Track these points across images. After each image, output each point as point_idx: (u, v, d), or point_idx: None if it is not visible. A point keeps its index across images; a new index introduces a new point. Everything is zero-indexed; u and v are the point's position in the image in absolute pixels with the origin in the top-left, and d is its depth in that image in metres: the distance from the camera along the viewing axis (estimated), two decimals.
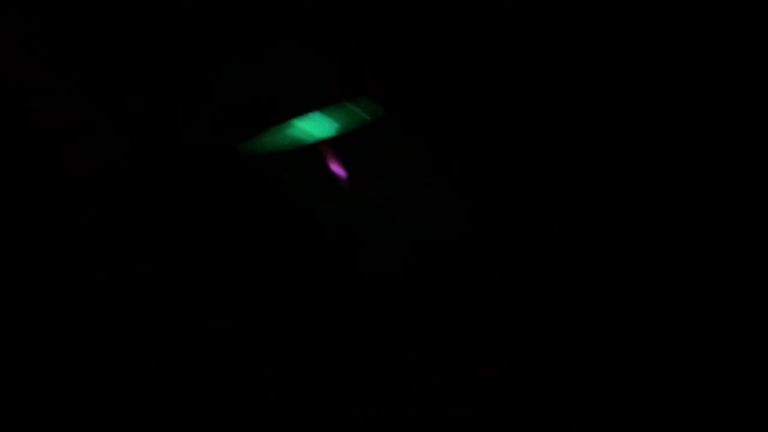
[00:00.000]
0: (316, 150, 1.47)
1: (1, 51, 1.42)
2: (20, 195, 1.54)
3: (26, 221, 1.54)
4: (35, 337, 1.52)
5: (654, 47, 1.58)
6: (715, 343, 1.57)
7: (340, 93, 1.46)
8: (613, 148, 1.61)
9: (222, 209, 1.56)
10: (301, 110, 1.45)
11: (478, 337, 1.61)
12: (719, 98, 1.60)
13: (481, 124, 1.56)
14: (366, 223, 1.51)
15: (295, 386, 1.60)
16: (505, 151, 1.57)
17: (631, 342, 1.61)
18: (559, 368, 1.59)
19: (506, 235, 1.59)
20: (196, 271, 1.57)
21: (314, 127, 1.44)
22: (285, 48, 1.46)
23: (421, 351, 1.60)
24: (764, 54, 1.57)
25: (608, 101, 1.60)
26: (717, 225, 1.59)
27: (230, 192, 1.54)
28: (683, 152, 1.60)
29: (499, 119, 1.56)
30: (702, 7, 1.56)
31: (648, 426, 1.54)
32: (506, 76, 1.55)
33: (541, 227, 1.61)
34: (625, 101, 1.60)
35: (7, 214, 1.54)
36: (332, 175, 1.48)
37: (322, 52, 1.45)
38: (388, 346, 1.60)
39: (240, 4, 1.47)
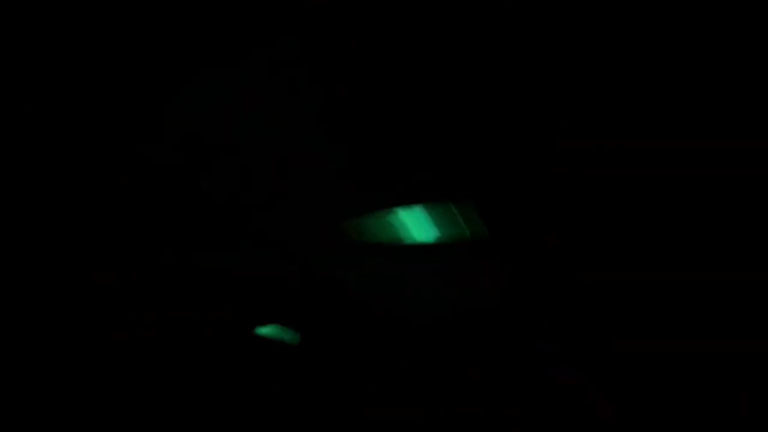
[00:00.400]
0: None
1: None
2: (20, 195, 1.54)
3: (26, 220, 1.54)
4: (35, 330, 1.52)
5: (653, 48, 1.58)
6: (716, 349, 1.57)
7: (444, 195, 1.50)
8: (612, 152, 1.61)
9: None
10: (406, 201, 1.49)
11: (473, 338, 1.61)
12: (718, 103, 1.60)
13: (481, 124, 1.56)
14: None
15: (294, 384, 1.60)
16: (504, 153, 1.57)
17: (629, 339, 1.61)
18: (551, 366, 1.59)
19: (504, 241, 1.59)
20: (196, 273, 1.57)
21: (414, 225, 1.47)
22: None
23: (417, 351, 1.60)
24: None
25: (608, 104, 1.60)
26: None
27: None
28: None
29: (499, 120, 1.56)
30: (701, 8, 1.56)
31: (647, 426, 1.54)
32: (506, 76, 1.55)
33: (536, 232, 1.61)
34: (626, 104, 1.60)
35: (7, 214, 1.54)
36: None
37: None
38: (386, 346, 1.60)
39: (240, 4, 1.47)
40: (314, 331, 1.65)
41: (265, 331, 1.66)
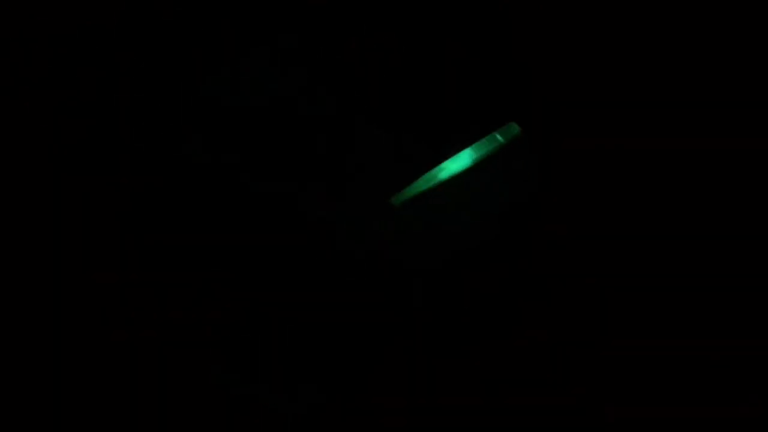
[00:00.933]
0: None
1: None
2: (20, 195, 1.54)
3: (25, 220, 1.54)
4: (35, 332, 1.52)
5: (654, 48, 1.58)
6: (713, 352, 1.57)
7: (490, 123, 1.43)
8: (612, 152, 1.61)
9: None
10: (452, 151, 1.42)
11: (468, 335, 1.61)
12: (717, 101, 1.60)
13: (481, 123, 1.56)
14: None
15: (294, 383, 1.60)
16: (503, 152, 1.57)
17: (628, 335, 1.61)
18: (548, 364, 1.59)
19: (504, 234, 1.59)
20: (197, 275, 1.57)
21: (456, 163, 1.43)
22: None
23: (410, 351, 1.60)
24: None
25: (609, 104, 1.60)
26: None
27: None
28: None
29: (498, 120, 1.56)
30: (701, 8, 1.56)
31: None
32: (506, 76, 1.55)
33: (536, 225, 1.61)
34: (626, 104, 1.60)
35: (7, 214, 1.54)
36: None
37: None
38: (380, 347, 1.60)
39: (240, 4, 1.47)
40: (314, 331, 1.65)
41: (265, 330, 1.67)
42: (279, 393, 1.58)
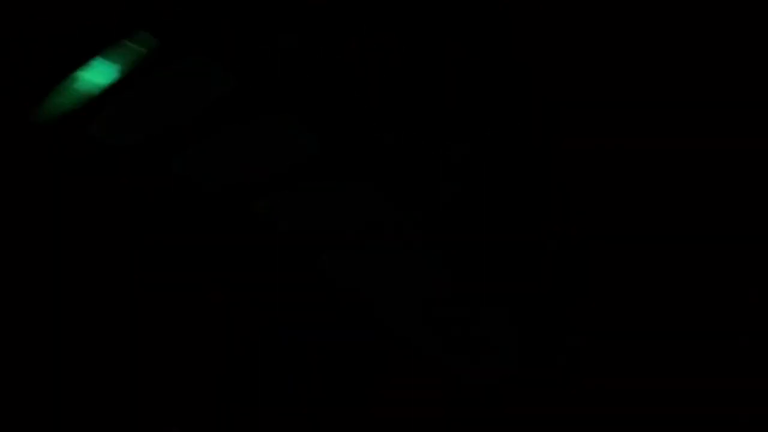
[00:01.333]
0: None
1: None
2: (20, 195, 1.55)
3: (26, 218, 1.55)
4: (35, 323, 1.52)
5: (654, 48, 1.58)
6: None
7: (118, 33, 1.41)
8: (612, 152, 1.61)
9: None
10: (81, 61, 1.40)
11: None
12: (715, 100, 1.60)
13: (481, 123, 1.56)
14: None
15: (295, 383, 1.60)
16: (503, 153, 1.57)
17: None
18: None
19: (509, 236, 1.59)
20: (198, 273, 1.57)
21: (98, 75, 1.40)
22: None
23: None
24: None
25: (609, 104, 1.60)
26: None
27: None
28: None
29: (498, 120, 1.56)
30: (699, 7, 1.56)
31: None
32: (506, 76, 1.55)
33: (541, 230, 1.61)
34: (626, 104, 1.60)
35: (7, 214, 1.54)
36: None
37: None
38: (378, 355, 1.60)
39: (240, 4, 1.47)
40: (314, 331, 1.65)
41: (266, 330, 1.67)
42: (279, 393, 1.58)
